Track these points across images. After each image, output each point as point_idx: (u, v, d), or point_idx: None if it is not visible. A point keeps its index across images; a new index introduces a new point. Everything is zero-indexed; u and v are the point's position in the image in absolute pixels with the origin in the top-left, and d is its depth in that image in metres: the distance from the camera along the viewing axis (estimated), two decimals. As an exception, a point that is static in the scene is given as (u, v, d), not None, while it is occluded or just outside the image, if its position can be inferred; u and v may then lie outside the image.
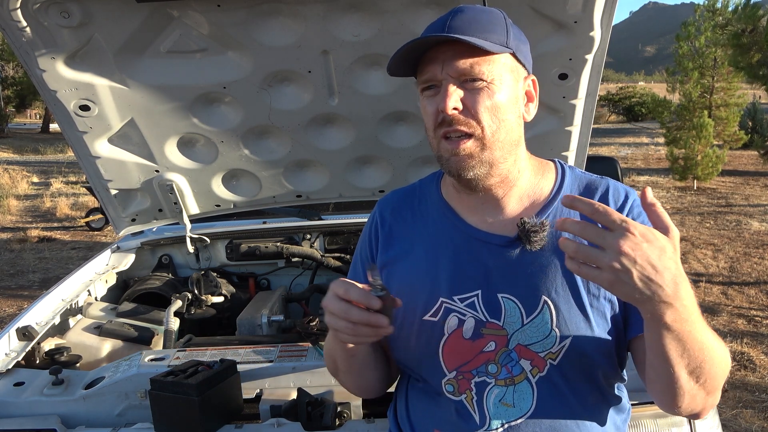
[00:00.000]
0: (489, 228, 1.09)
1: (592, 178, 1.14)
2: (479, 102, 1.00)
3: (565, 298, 1.02)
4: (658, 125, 15.27)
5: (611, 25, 1.74)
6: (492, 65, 1.01)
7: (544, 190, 1.11)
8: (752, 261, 6.31)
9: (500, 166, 1.05)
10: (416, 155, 2.30)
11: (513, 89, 1.05)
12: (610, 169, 2.68)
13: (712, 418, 1.51)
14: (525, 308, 1.03)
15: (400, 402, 1.23)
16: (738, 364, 3.99)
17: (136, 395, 1.59)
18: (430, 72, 1.02)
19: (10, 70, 27.43)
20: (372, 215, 1.24)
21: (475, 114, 1.01)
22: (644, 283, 0.81)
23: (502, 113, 1.02)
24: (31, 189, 12.50)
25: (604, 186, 1.11)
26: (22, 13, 1.64)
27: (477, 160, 1.03)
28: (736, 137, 13.58)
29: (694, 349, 0.89)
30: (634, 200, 1.09)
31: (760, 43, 6.22)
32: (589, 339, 1.02)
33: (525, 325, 1.03)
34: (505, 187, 1.09)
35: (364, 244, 1.23)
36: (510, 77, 1.04)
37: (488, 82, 1.00)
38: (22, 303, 5.58)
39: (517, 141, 1.07)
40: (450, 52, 1.00)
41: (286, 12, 1.74)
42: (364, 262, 1.22)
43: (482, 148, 1.02)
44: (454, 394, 1.08)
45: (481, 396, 1.06)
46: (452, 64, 1.00)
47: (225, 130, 2.14)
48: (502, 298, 1.05)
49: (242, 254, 2.77)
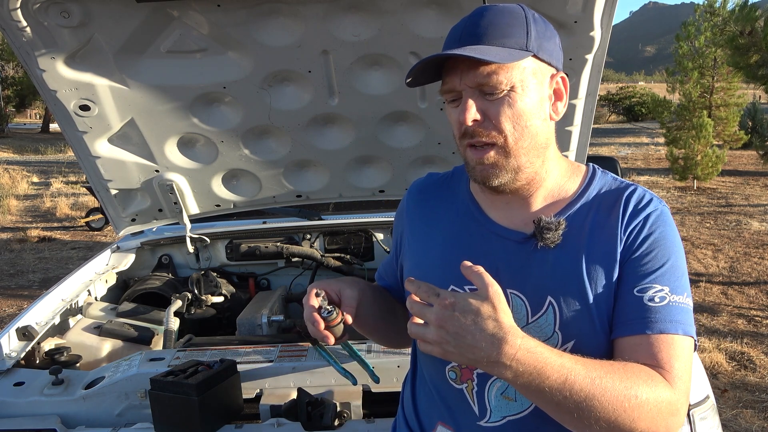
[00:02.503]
0: (508, 224, 1.09)
1: (624, 184, 1.09)
2: (500, 112, 0.98)
3: (571, 300, 1.01)
4: (658, 125, 15.28)
5: (611, 25, 1.74)
6: (511, 72, 0.97)
7: (569, 191, 1.09)
8: (752, 261, 6.31)
9: (527, 170, 1.04)
10: (416, 155, 2.30)
11: (538, 92, 1.01)
12: (610, 169, 2.64)
13: (712, 418, 1.51)
14: (531, 307, 1.03)
15: (406, 393, 1.25)
16: (738, 364, 3.99)
17: (136, 395, 1.59)
18: (450, 83, 1.01)
19: (10, 70, 27.44)
20: (404, 198, 1.28)
21: (497, 124, 0.99)
22: (466, 349, 0.86)
23: (525, 120, 0.99)
24: (31, 189, 12.50)
25: (631, 190, 1.07)
26: (22, 13, 1.64)
27: (502, 169, 1.02)
28: (736, 137, 13.60)
29: (559, 396, 0.87)
30: (656, 210, 1.04)
31: (758, 44, 6.22)
32: (591, 342, 1.01)
33: (529, 324, 1.03)
34: (531, 188, 1.08)
35: (396, 227, 1.28)
36: (533, 81, 1.00)
37: (508, 90, 0.98)
38: (22, 303, 5.58)
39: (545, 143, 1.05)
40: (467, 62, 0.98)
41: (286, 12, 1.74)
42: (396, 245, 1.27)
43: (506, 157, 1.01)
44: (456, 382, 1.09)
45: (482, 387, 1.06)
46: (469, 75, 0.98)
47: (225, 130, 2.15)
48: (511, 294, 1.04)
49: (242, 254, 2.77)
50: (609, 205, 1.05)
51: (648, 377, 0.92)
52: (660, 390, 0.91)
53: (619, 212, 1.03)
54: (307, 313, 1.08)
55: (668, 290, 0.98)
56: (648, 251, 1.00)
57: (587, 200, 1.07)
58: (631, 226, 1.02)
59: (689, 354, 0.98)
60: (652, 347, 0.96)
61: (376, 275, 1.35)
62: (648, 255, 1.00)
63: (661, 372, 0.94)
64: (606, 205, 1.05)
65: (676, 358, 0.96)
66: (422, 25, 1.76)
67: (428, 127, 2.15)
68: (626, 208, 1.04)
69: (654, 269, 0.99)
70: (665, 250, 1.01)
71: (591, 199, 1.07)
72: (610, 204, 1.05)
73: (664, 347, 0.96)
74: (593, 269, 1.01)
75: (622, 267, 1.01)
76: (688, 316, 0.99)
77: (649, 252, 1.00)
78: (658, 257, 1.00)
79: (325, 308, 1.08)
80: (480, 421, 1.07)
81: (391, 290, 1.30)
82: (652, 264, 1.00)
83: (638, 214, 1.03)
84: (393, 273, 1.29)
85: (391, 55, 1.87)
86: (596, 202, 1.06)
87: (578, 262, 1.01)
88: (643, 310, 0.97)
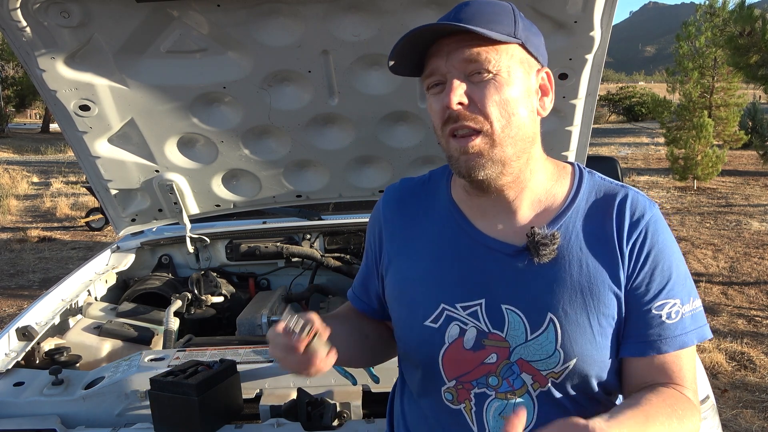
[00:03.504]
0: (497, 235, 1.04)
1: (612, 186, 1.06)
2: (486, 95, 0.94)
3: (572, 316, 0.98)
4: (658, 125, 15.27)
5: (611, 25, 1.74)
6: (499, 55, 0.95)
7: (557, 196, 1.05)
8: (752, 261, 6.31)
9: (513, 164, 0.99)
10: (416, 155, 2.30)
11: (524, 82, 0.98)
12: (610, 169, 2.67)
13: (712, 418, 1.51)
14: (530, 323, 0.99)
15: (396, 406, 1.22)
16: (738, 364, 3.99)
17: (136, 395, 1.59)
18: (434, 65, 0.97)
19: (10, 70, 27.42)
20: (377, 206, 1.20)
21: (483, 108, 0.95)
22: None
23: (511, 107, 0.96)
24: (31, 189, 12.49)
25: (622, 196, 1.03)
26: (22, 13, 1.64)
27: (488, 159, 0.97)
28: (736, 137, 13.60)
29: None
30: (651, 216, 1.02)
31: (758, 44, 6.21)
32: (593, 359, 0.99)
33: (529, 341, 1.00)
34: (516, 188, 1.03)
35: (371, 236, 1.20)
36: (520, 69, 0.97)
37: (495, 73, 0.94)
38: (22, 303, 5.58)
39: (531, 138, 1.01)
40: (454, 43, 0.95)
41: (286, 12, 1.74)
42: (372, 255, 1.19)
43: (492, 145, 0.96)
44: (453, 403, 1.06)
45: (480, 408, 1.03)
46: (457, 55, 0.94)
47: (225, 130, 2.14)
48: (506, 309, 1.01)
49: (242, 254, 2.77)
50: (602, 211, 1.03)
51: (686, 408, 0.97)
52: (695, 415, 0.98)
53: (615, 222, 1.01)
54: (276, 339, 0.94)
55: (680, 303, 1.00)
56: (654, 266, 1.00)
57: (578, 206, 1.04)
58: (632, 240, 1.00)
59: (695, 354, 1.03)
60: (674, 365, 1.00)
61: (350, 294, 1.27)
62: (656, 270, 1.00)
63: (683, 390, 0.99)
64: (598, 211, 1.03)
65: (689, 368, 1.01)
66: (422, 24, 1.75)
67: (428, 127, 2.15)
68: (622, 217, 1.01)
69: (664, 283, 1.00)
70: (669, 259, 1.01)
71: (582, 205, 1.04)
72: (603, 210, 1.03)
73: (684, 362, 1.01)
74: (593, 284, 0.99)
75: (631, 285, 1.00)
76: (701, 318, 1.02)
77: (656, 266, 1.00)
78: (665, 269, 1.00)
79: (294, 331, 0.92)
80: None
81: (368, 312, 1.23)
82: (662, 278, 1.00)
83: (637, 226, 1.01)
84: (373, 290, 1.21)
85: (391, 55, 1.86)
86: (588, 208, 1.04)
87: (577, 277, 0.99)
88: (661, 329, 0.99)
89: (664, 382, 1.00)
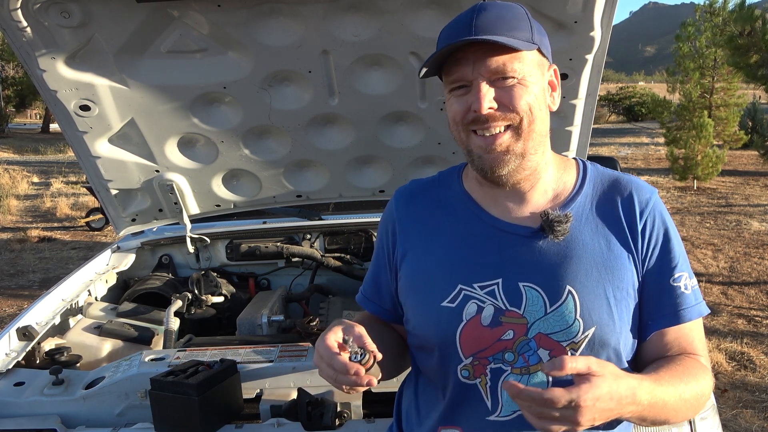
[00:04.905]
0: (512, 220, 1.11)
1: (615, 173, 1.15)
2: (515, 97, 1.02)
3: (589, 288, 1.04)
4: (658, 125, 15.28)
5: (611, 25, 1.75)
6: (522, 63, 1.02)
7: (567, 184, 1.14)
8: (752, 261, 6.31)
9: (531, 158, 1.07)
10: (416, 155, 2.30)
11: (541, 82, 1.06)
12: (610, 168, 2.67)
13: (712, 418, 1.51)
14: (549, 297, 1.05)
15: (408, 394, 1.25)
16: (738, 364, 3.99)
17: (136, 395, 1.59)
18: (459, 72, 1.03)
19: (10, 70, 27.43)
20: (389, 205, 1.24)
21: (515, 107, 1.02)
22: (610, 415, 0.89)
23: (537, 106, 1.04)
24: (31, 189, 12.49)
25: (629, 185, 1.13)
26: (23, 13, 1.65)
27: (511, 154, 1.04)
28: (736, 137, 13.59)
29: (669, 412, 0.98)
30: (656, 199, 1.12)
31: (758, 44, 6.21)
32: (611, 329, 1.05)
33: (548, 314, 1.04)
34: (532, 180, 1.10)
35: (383, 235, 1.24)
36: (537, 71, 1.05)
37: (519, 79, 1.02)
38: (22, 303, 5.58)
39: (546, 132, 1.09)
40: (480, 52, 1.01)
41: (286, 12, 1.74)
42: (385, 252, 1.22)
43: (517, 139, 1.04)
44: (469, 378, 1.09)
45: (495, 383, 1.07)
46: (484, 64, 1.01)
47: (225, 130, 2.15)
48: (524, 286, 1.06)
49: (242, 254, 2.77)
50: (609, 196, 1.12)
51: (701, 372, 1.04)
52: (708, 379, 1.05)
53: (622, 205, 1.10)
54: (339, 365, 0.97)
55: (687, 275, 1.09)
56: (666, 242, 1.09)
57: (586, 192, 1.13)
58: (644, 221, 1.09)
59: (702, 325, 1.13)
60: (689, 335, 1.09)
61: (359, 298, 1.29)
62: (667, 246, 1.09)
63: (698, 358, 1.07)
64: (606, 196, 1.12)
65: (701, 338, 1.11)
66: (422, 25, 1.76)
67: (428, 127, 2.15)
68: (631, 201, 1.10)
69: (676, 259, 1.09)
70: (675, 236, 1.11)
71: (590, 191, 1.13)
72: (610, 195, 1.12)
73: (696, 333, 1.10)
74: (607, 260, 1.06)
75: (648, 263, 1.08)
76: (700, 292, 1.11)
77: (667, 243, 1.09)
78: (673, 246, 1.10)
79: (354, 352, 0.98)
80: (491, 415, 1.08)
81: (380, 313, 1.25)
82: (673, 254, 1.09)
83: (647, 208, 1.10)
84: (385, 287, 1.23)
85: (391, 55, 1.87)
86: (596, 192, 1.13)
87: (591, 253, 1.06)
88: (680, 299, 1.08)
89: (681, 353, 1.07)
